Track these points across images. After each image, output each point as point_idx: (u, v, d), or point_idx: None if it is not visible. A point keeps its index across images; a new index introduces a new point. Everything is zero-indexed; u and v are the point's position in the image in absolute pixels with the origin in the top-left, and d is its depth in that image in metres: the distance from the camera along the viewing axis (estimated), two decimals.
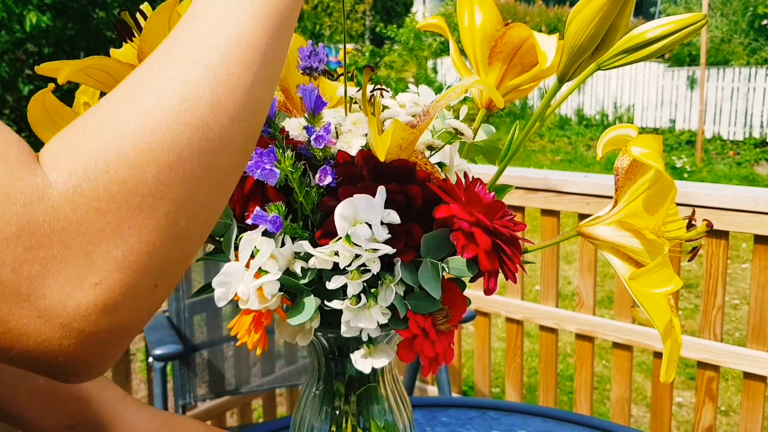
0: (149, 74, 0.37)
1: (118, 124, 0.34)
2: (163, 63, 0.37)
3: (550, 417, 0.92)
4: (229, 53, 0.37)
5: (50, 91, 0.53)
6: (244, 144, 0.38)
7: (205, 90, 0.36)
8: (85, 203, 0.32)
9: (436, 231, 0.50)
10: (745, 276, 4.20)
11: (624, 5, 0.48)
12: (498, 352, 3.09)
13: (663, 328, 0.50)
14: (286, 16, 0.40)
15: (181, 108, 0.35)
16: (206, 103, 0.36)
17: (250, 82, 0.38)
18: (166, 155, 0.34)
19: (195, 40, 0.37)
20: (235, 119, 0.37)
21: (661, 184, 0.49)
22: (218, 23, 0.38)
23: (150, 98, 0.35)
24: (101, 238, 0.33)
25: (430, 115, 0.50)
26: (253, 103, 0.38)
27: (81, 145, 0.34)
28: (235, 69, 0.37)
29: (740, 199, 1.52)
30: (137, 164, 0.34)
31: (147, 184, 0.34)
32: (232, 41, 0.37)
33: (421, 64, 11.27)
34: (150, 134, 0.34)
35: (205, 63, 0.36)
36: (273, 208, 0.49)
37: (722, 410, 2.68)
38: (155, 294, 0.36)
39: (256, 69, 0.38)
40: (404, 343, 0.50)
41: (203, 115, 0.36)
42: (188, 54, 0.37)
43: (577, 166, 8.29)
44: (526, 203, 1.87)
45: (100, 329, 0.33)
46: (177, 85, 0.36)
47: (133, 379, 2.16)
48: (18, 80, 6.05)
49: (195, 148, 0.35)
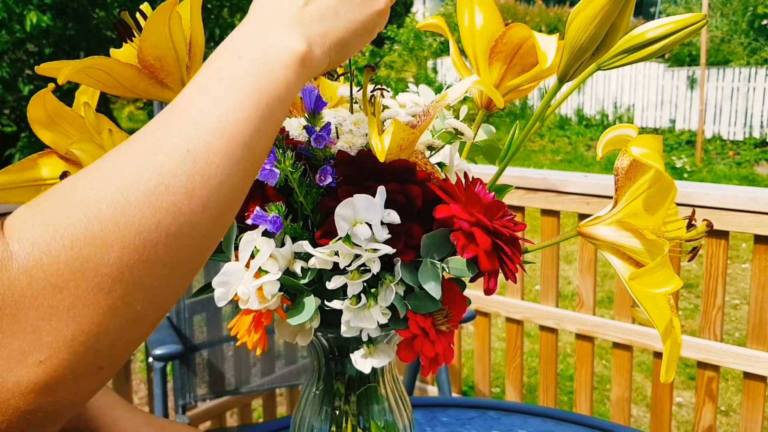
0: (129, 153, 0.36)
1: (89, 201, 0.34)
2: (144, 144, 0.37)
3: (550, 417, 0.92)
4: (212, 143, 0.37)
5: (50, 91, 0.53)
6: (212, 232, 0.38)
7: (182, 176, 0.36)
8: (43, 278, 0.32)
9: (436, 231, 0.50)
10: (745, 276, 4.20)
11: (625, 5, 0.48)
12: (498, 352, 3.09)
13: (663, 328, 0.50)
14: (274, 109, 0.40)
15: (155, 191, 0.35)
16: (181, 189, 0.36)
17: (228, 172, 0.38)
18: (133, 237, 0.34)
19: (180, 126, 0.37)
20: (208, 207, 0.37)
21: (661, 184, 0.49)
22: (205, 113, 0.38)
23: (126, 178, 0.35)
24: (53, 315, 0.32)
25: (430, 115, 0.50)
26: (227, 193, 0.38)
27: (49, 219, 0.33)
28: (215, 158, 0.37)
29: (740, 199, 1.52)
30: (103, 244, 0.33)
31: (109, 265, 0.33)
32: (216, 131, 0.37)
33: (421, 64, 11.27)
34: (120, 215, 0.34)
35: (187, 149, 0.36)
36: (273, 208, 0.49)
37: (722, 410, 2.68)
38: (99, 377, 0.35)
39: (236, 160, 0.38)
40: (404, 343, 0.50)
41: (176, 200, 0.35)
42: (171, 139, 0.37)
43: (577, 166, 8.29)
44: (526, 203, 1.87)
45: (36, 408, 0.32)
46: (154, 169, 0.35)
47: (133, 379, 2.16)
48: (18, 80, 6.05)
49: (163, 233, 0.35)
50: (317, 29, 0.44)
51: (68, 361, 0.32)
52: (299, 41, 0.42)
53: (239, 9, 7.14)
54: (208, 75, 0.40)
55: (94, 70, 0.49)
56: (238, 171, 0.38)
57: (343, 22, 0.45)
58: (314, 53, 0.43)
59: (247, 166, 0.39)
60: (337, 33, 0.44)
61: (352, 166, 0.51)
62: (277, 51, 0.41)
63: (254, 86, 0.39)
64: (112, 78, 0.50)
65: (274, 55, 0.41)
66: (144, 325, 0.36)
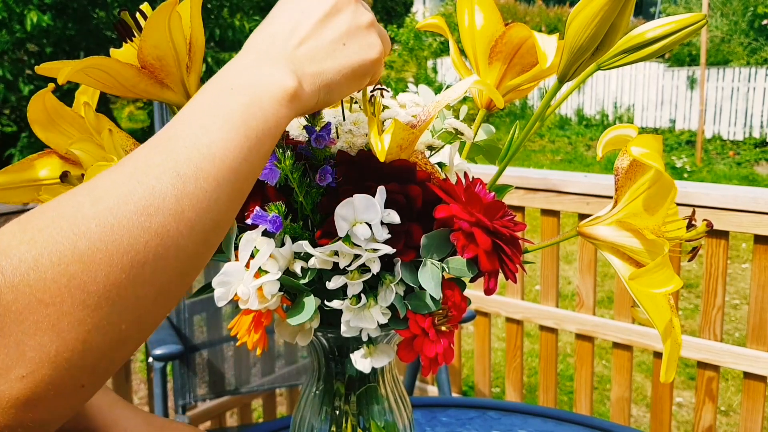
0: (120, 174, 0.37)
1: (78, 219, 0.34)
2: (136, 166, 0.37)
3: (550, 417, 0.92)
4: (202, 168, 0.38)
5: (50, 91, 0.53)
6: (198, 254, 0.39)
7: (170, 198, 0.36)
8: (29, 293, 0.32)
9: (436, 231, 0.50)
10: (745, 276, 4.20)
11: (624, 5, 0.48)
12: (498, 352, 3.09)
13: (663, 328, 0.50)
14: (262, 141, 0.41)
15: (144, 212, 0.35)
16: (170, 211, 0.36)
17: (216, 197, 0.39)
18: (121, 257, 0.34)
19: (171, 150, 0.38)
20: (195, 230, 0.37)
21: (661, 184, 0.49)
22: (196, 139, 0.39)
23: (116, 198, 0.35)
24: (37, 330, 0.32)
25: (430, 115, 0.50)
26: (215, 217, 0.39)
27: (37, 235, 0.33)
28: (204, 183, 0.38)
29: (740, 199, 1.52)
30: (91, 261, 0.33)
31: (96, 283, 0.33)
32: (206, 157, 0.38)
33: (421, 64, 11.27)
34: (108, 234, 0.34)
35: (177, 172, 0.37)
36: (273, 208, 0.49)
37: (722, 410, 2.68)
38: (80, 394, 0.35)
39: (225, 186, 0.39)
40: (404, 343, 0.50)
41: (165, 222, 0.36)
42: (162, 162, 0.37)
43: (577, 166, 8.28)
44: (526, 203, 1.87)
45: (16, 424, 0.32)
46: (144, 190, 0.36)
47: (133, 379, 2.16)
48: (18, 80, 6.05)
49: (151, 254, 0.35)
50: (309, 69, 0.45)
51: (50, 377, 0.33)
52: (290, 78, 0.43)
53: (239, 9, 7.14)
54: (201, 104, 0.42)
55: (94, 70, 0.49)
56: (225, 196, 0.39)
57: (335, 65, 0.45)
58: (304, 90, 0.44)
59: (234, 191, 0.40)
60: (328, 75, 0.45)
61: (352, 166, 0.51)
62: (267, 86, 0.42)
63: (244, 118, 0.41)
64: (112, 78, 0.50)
65: (265, 89, 0.42)
66: (127, 345, 0.36)
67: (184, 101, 0.53)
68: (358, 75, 0.47)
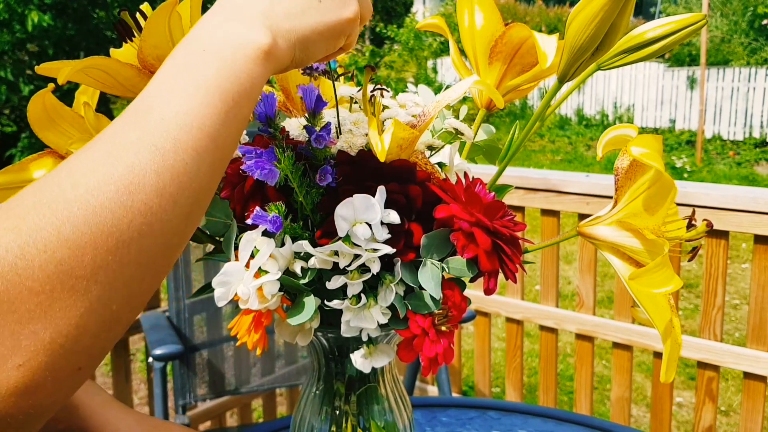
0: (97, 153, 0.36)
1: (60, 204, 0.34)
2: (113, 143, 0.37)
3: (550, 417, 0.92)
4: (180, 139, 0.37)
5: (50, 91, 0.53)
6: (182, 228, 0.38)
7: (151, 174, 0.36)
8: (19, 282, 0.32)
9: (436, 231, 0.50)
10: (745, 276, 4.20)
11: (624, 6, 0.48)
12: (498, 352, 3.09)
13: (663, 328, 0.50)
14: (240, 103, 0.40)
15: (125, 191, 0.35)
16: (151, 187, 0.36)
17: (197, 168, 0.38)
18: (106, 238, 0.34)
19: (146, 124, 0.37)
20: (178, 203, 0.37)
21: (661, 184, 0.49)
22: (171, 109, 0.38)
23: (96, 179, 0.35)
24: (30, 318, 0.32)
25: (431, 115, 0.50)
26: (196, 188, 0.38)
27: (21, 222, 0.33)
28: (183, 155, 0.37)
29: (740, 199, 1.52)
30: (76, 246, 0.33)
31: (83, 267, 0.33)
32: (183, 127, 0.38)
33: (421, 64, 11.27)
34: (92, 217, 0.34)
35: (155, 146, 0.37)
36: (273, 208, 0.49)
37: (722, 410, 2.68)
38: (77, 376, 0.35)
39: (205, 156, 0.38)
40: (404, 343, 0.50)
41: (147, 199, 0.36)
42: (138, 137, 0.37)
43: (577, 166, 8.28)
44: (526, 203, 1.87)
45: (17, 411, 0.33)
46: (124, 168, 0.35)
47: (133, 379, 2.16)
48: (19, 80, 6.05)
49: (135, 232, 0.35)
50: (283, 25, 0.44)
51: (47, 364, 0.33)
52: (264, 35, 0.42)
53: None
54: (172, 70, 0.40)
55: (94, 70, 0.49)
56: (206, 166, 0.39)
57: (310, 22, 0.45)
58: (279, 47, 0.43)
59: (214, 160, 0.39)
60: (303, 31, 0.45)
61: (352, 166, 0.51)
62: (241, 44, 0.41)
63: (219, 81, 0.40)
64: (112, 78, 0.50)
65: (239, 48, 0.41)
66: (120, 324, 0.36)
67: None
68: (334, 33, 0.46)
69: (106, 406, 0.67)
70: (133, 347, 2.75)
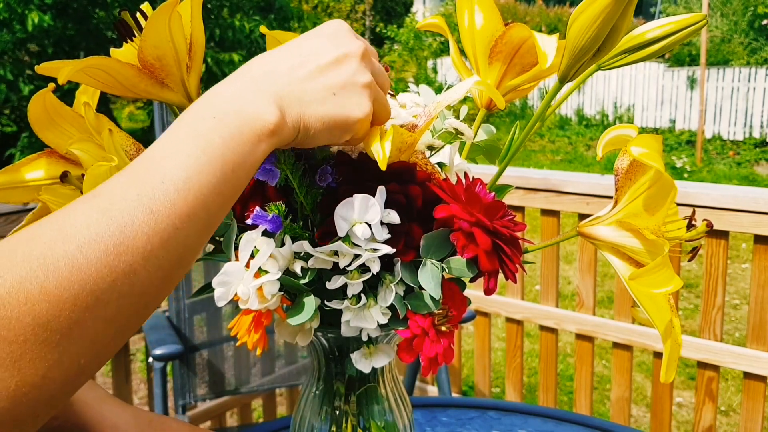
0: (95, 207, 0.37)
1: (49, 258, 0.34)
2: (111, 200, 0.37)
3: (550, 417, 0.92)
4: (177, 204, 0.38)
5: (50, 91, 0.53)
6: (163, 290, 0.39)
7: (142, 237, 0.36)
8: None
9: (436, 231, 0.50)
10: (745, 276, 4.20)
11: (626, 7, 0.48)
12: (498, 352, 3.09)
13: (663, 328, 0.50)
14: (238, 174, 0.41)
15: (114, 252, 0.35)
16: (139, 250, 0.36)
17: (186, 234, 0.38)
18: (86, 296, 0.34)
19: (146, 184, 0.38)
20: (162, 267, 0.37)
21: (661, 184, 0.49)
22: (173, 172, 0.38)
23: (86, 236, 0.35)
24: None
25: (431, 116, 0.50)
26: (182, 253, 0.39)
27: (7, 272, 0.33)
28: (177, 220, 0.38)
29: (740, 199, 1.52)
30: (57, 300, 0.33)
31: (60, 321, 0.34)
32: (182, 191, 0.38)
33: (421, 64, 11.27)
34: (76, 274, 0.34)
35: (151, 210, 0.37)
36: (273, 208, 0.49)
37: (722, 410, 2.68)
38: (35, 423, 0.35)
39: (195, 222, 0.39)
40: (404, 343, 0.50)
41: (133, 261, 0.36)
42: (137, 197, 0.37)
43: (577, 166, 8.29)
44: (526, 203, 1.87)
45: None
46: (116, 228, 0.36)
47: (133, 379, 2.16)
48: (19, 80, 6.05)
49: (116, 293, 0.35)
50: (294, 108, 0.44)
51: (8, 411, 0.33)
52: (275, 114, 0.43)
53: (239, 9, 7.14)
54: (180, 132, 0.41)
55: (94, 70, 0.49)
56: (194, 232, 0.39)
57: (319, 112, 0.45)
58: (286, 126, 0.44)
59: (203, 227, 0.40)
60: (310, 119, 0.45)
61: (352, 166, 0.51)
62: (251, 119, 0.42)
63: (223, 150, 0.40)
64: (112, 78, 0.50)
65: (248, 122, 0.42)
66: (85, 376, 0.37)
67: (185, 101, 0.53)
68: (339, 128, 0.46)
69: (102, 401, 0.67)
70: (133, 347, 2.75)
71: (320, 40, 0.47)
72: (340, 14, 13.58)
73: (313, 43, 0.47)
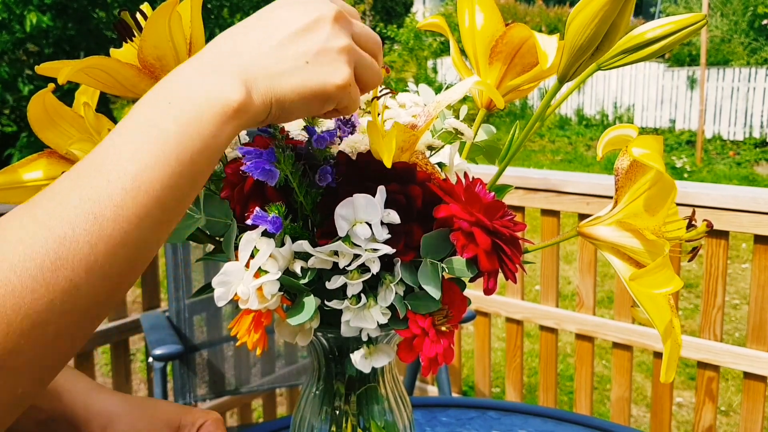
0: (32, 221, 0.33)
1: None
2: (52, 208, 0.33)
3: (550, 417, 0.92)
4: (124, 205, 0.34)
5: (50, 91, 0.53)
6: (110, 301, 0.35)
7: (84, 246, 0.32)
8: None
9: (436, 231, 0.50)
10: (745, 276, 4.20)
11: (624, 5, 0.48)
12: (498, 352, 3.09)
13: (663, 329, 0.50)
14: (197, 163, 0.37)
15: (50, 267, 0.31)
16: (81, 262, 0.32)
17: (136, 237, 0.34)
18: (21, 321, 0.31)
19: (91, 185, 0.34)
20: (108, 276, 0.33)
21: (662, 185, 0.49)
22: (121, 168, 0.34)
23: (20, 253, 0.31)
24: None
25: (431, 116, 0.50)
26: (132, 258, 0.35)
27: None
28: (124, 223, 0.34)
29: (740, 199, 1.52)
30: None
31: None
32: (129, 191, 0.34)
33: (421, 64, 11.27)
34: (9, 297, 0.30)
35: (94, 216, 0.33)
36: (273, 208, 0.49)
37: (722, 410, 2.68)
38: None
39: (150, 221, 0.35)
40: (404, 343, 0.50)
41: (74, 276, 0.32)
42: (79, 202, 0.33)
43: (577, 166, 8.28)
44: (526, 203, 1.87)
45: None
46: (54, 240, 0.32)
47: (133, 379, 2.16)
48: (18, 80, 6.05)
49: (56, 312, 0.32)
50: (262, 82, 0.41)
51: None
52: (237, 91, 0.39)
53: (239, 9, 7.14)
54: (133, 122, 0.37)
55: (94, 70, 0.49)
56: (149, 233, 0.35)
57: (291, 83, 0.41)
58: (253, 103, 0.40)
59: (157, 225, 0.36)
60: (282, 91, 0.41)
61: (352, 166, 0.51)
62: (209, 99, 0.38)
63: (179, 137, 0.36)
64: (112, 78, 0.50)
65: (207, 103, 0.38)
66: (24, 403, 0.33)
67: None
68: (317, 98, 0.43)
69: (90, 390, 0.65)
70: (133, 347, 2.75)
71: (289, 7, 0.43)
72: None
73: (282, 12, 0.43)
